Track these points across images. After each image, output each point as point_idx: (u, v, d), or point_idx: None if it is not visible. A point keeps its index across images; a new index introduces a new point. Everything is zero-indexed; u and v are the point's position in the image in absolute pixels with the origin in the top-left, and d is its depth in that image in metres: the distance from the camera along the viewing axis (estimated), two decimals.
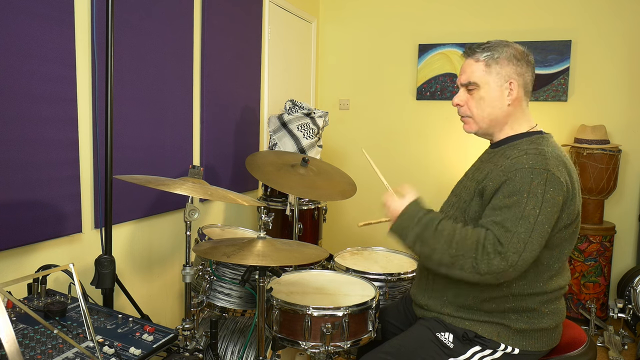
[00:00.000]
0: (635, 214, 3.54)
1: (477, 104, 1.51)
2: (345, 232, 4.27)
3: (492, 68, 1.48)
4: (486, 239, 1.32)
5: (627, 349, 2.95)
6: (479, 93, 1.50)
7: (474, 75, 1.50)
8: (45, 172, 1.76)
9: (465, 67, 1.53)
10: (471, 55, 1.52)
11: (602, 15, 3.51)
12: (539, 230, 1.31)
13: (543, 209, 1.31)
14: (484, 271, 1.30)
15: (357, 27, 4.18)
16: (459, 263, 1.33)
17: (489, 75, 1.48)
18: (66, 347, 1.15)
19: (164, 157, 2.37)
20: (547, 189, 1.32)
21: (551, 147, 1.42)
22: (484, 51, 1.49)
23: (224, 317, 2.04)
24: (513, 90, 1.48)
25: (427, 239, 1.38)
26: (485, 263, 1.30)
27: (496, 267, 1.29)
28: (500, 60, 1.48)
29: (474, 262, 1.31)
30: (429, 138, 4.01)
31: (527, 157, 1.38)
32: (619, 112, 3.51)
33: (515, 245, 1.29)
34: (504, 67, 1.48)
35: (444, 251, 1.35)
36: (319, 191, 2.23)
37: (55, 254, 1.86)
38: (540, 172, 1.34)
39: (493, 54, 1.48)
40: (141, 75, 2.18)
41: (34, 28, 1.68)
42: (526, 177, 1.34)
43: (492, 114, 1.50)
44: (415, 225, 1.42)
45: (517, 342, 1.43)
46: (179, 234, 2.55)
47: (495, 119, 1.51)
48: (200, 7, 2.59)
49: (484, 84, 1.48)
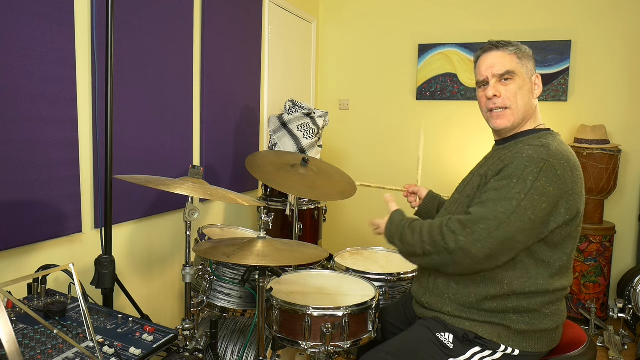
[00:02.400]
0: (635, 214, 3.54)
1: (516, 94, 1.48)
2: (345, 232, 4.27)
3: (522, 61, 1.50)
4: (450, 220, 1.40)
5: (627, 349, 2.95)
6: (516, 83, 1.48)
7: (509, 64, 1.48)
8: (45, 172, 1.76)
9: (494, 59, 1.50)
10: (500, 48, 1.51)
11: (602, 15, 3.51)
12: (519, 214, 1.31)
13: (529, 195, 1.32)
14: (452, 248, 1.35)
15: (357, 27, 4.18)
16: (433, 249, 1.40)
17: (522, 67, 1.49)
18: (66, 347, 1.15)
19: (164, 157, 2.37)
20: (539, 178, 1.33)
21: (557, 143, 1.43)
22: (510, 45, 1.50)
23: (224, 317, 2.04)
24: (538, 85, 1.52)
25: (405, 237, 1.50)
26: (453, 240, 1.35)
27: (463, 242, 1.34)
28: (526, 55, 1.51)
29: (443, 242, 1.37)
30: (429, 138, 4.01)
31: (529, 148, 1.40)
32: (619, 112, 3.51)
33: (486, 222, 1.33)
34: (530, 61, 1.51)
35: (420, 243, 1.44)
36: (319, 191, 2.23)
37: (55, 254, 1.86)
38: (537, 161, 1.35)
39: (519, 48, 1.50)
40: (141, 75, 2.18)
41: (34, 28, 1.68)
42: (521, 164, 1.36)
43: (526, 106, 1.50)
44: (396, 231, 1.55)
45: (517, 343, 1.43)
46: (179, 234, 2.55)
47: (527, 112, 1.51)
48: (200, 7, 2.59)
49: (520, 73, 1.49)
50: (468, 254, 1.34)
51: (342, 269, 2.09)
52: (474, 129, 3.79)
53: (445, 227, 1.39)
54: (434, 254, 1.41)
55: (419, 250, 1.45)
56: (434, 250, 1.41)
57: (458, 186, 1.67)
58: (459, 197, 1.59)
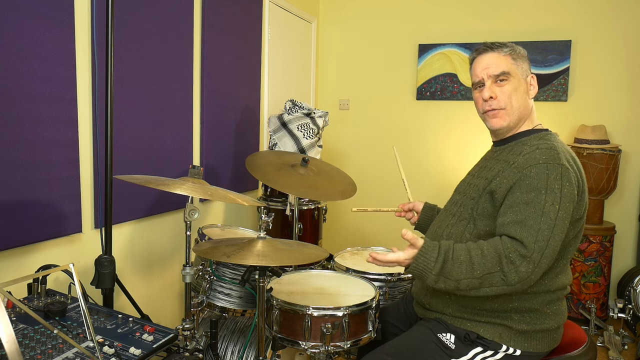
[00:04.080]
0: (635, 214, 3.54)
1: (511, 95, 1.49)
2: (345, 232, 4.27)
3: (517, 61, 1.50)
4: (506, 248, 1.30)
5: (627, 349, 2.95)
6: (511, 84, 1.49)
7: (505, 65, 1.49)
8: (45, 172, 1.76)
9: (489, 60, 1.51)
10: (494, 50, 1.51)
11: (602, 15, 3.50)
12: (560, 226, 1.31)
13: (562, 204, 1.32)
14: (514, 281, 1.29)
15: (357, 27, 4.18)
16: (487, 282, 1.31)
17: (517, 68, 1.50)
18: (66, 347, 1.15)
19: (164, 157, 2.37)
20: (564, 184, 1.33)
21: (560, 144, 1.44)
22: (504, 46, 1.51)
23: (224, 317, 2.04)
24: (533, 86, 1.51)
25: (449, 273, 1.33)
26: (514, 273, 1.29)
27: (524, 272, 1.29)
28: (520, 56, 1.51)
29: (502, 275, 1.30)
30: (429, 138, 4.01)
31: (540, 152, 1.38)
32: (619, 112, 3.51)
33: (539, 244, 1.29)
34: (524, 62, 1.52)
35: (469, 277, 1.31)
36: (319, 191, 2.23)
37: (55, 254, 1.85)
38: (555, 166, 1.34)
39: (514, 49, 1.51)
40: (141, 75, 2.18)
41: (34, 28, 1.68)
42: (542, 172, 1.34)
43: (521, 107, 1.50)
44: (433, 266, 1.34)
45: (518, 344, 1.43)
46: (179, 234, 2.55)
47: (523, 112, 1.51)
48: (200, 7, 2.59)
49: (515, 74, 1.49)
50: (528, 283, 1.31)
51: (342, 269, 2.09)
52: (474, 129, 3.79)
53: (505, 258, 1.30)
54: (486, 287, 1.31)
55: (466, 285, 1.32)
56: (486, 283, 1.31)
57: (457, 187, 1.67)
58: (461, 199, 1.58)
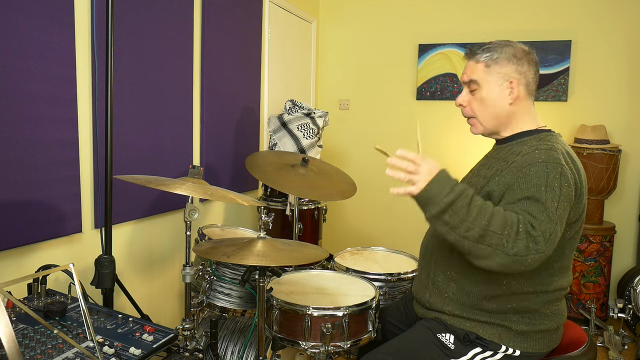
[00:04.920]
0: (635, 214, 3.54)
1: (480, 104, 1.51)
2: (345, 232, 4.27)
3: (491, 68, 1.49)
4: (520, 221, 1.26)
5: (627, 349, 2.95)
6: (480, 93, 1.50)
7: (474, 74, 1.51)
8: (45, 172, 1.76)
9: (466, 68, 1.55)
10: (472, 57, 1.53)
11: (602, 15, 3.50)
12: (559, 225, 1.30)
13: (561, 203, 1.30)
14: (511, 251, 1.23)
15: (357, 27, 4.18)
16: (487, 238, 1.24)
17: (489, 75, 1.49)
18: (66, 347, 1.15)
19: (164, 157, 2.37)
20: (563, 183, 1.32)
21: (561, 145, 1.43)
22: (484, 52, 1.50)
23: (224, 317, 2.04)
24: (514, 89, 1.48)
25: (460, 209, 1.27)
26: (515, 243, 1.23)
27: (524, 249, 1.23)
28: (500, 60, 1.48)
29: (504, 239, 1.24)
30: (429, 138, 4.01)
31: (539, 152, 1.38)
32: (619, 112, 3.51)
33: (545, 231, 1.25)
34: (504, 66, 1.48)
35: (475, 223, 1.25)
36: (319, 191, 2.23)
37: (55, 254, 1.85)
38: (555, 165, 1.34)
39: (493, 54, 1.49)
40: (141, 75, 2.18)
41: (34, 28, 1.68)
42: (541, 170, 1.33)
43: (494, 114, 1.50)
44: (449, 192, 1.28)
45: (518, 344, 1.43)
46: (179, 234, 2.55)
47: (498, 118, 1.51)
48: (200, 7, 2.59)
49: (485, 83, 1.49)
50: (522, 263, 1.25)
51: (342, 269, 2.09)
52: None
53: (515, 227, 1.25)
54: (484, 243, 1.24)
55: (467, 229, 1.25)
56: (486, 239, 1.24)
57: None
58: None
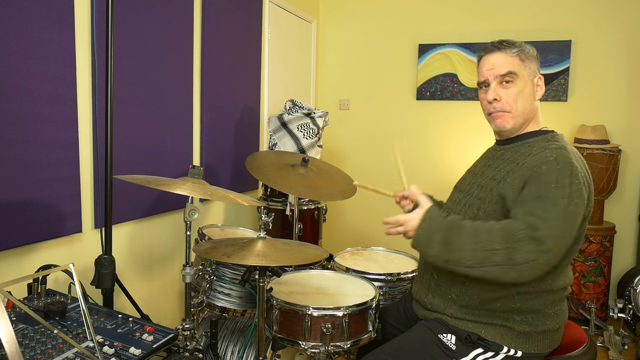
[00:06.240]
0: (635, 214, 3.54)
1: (517, 97, 1.46)
2: (345, 232, 4.27)
3: (525, 62, 1.47)
4: (515, 227, 1.25)
5: (627, 349, 2.95)
6: (517, 86, 1.46)
7: (511, 66, 1.46)
8: (45, 172, 1.76)
9: (495, 60, 1.48)
10: (502, 50, 1.48)
11: (602, 15, 3.50)
12: (571, 221, 1.28)
13: (572, 200, 1.29)
14: (519, 260, 1.21)
15: (357, 27, 4.18)
16: (491, 258, 1.24)
17: (524, 69, 1.47)
18: (66, 347, 1.15)
19: (164, 157, 2.37)
20: (573, 181, 1.31)
21: (569, 145, 1.43)
22: (513, 46, 1.48)
23: (224, 317, 2.04)
24: (540, 87, 1.49)
25: (453, 241, 1.29)
26: (519, 251, 1.21)
27: (531, 254, 1.21)
28: (529, 55, 1.48)
29: (507, 252, 1.22)
30: (429, 138, 4.01)
31: (550, 152, 1.37)
32: (619, 112, 3.51)
33: (552, 230, 1.23)
34: (532, 62, 1.48)
35: (474, 249, 1.26)
36: (319, 191, 2.23)
37: (55, 254, 1.85)
38: (566, 164, 1.33)
39: (522, 49, 1.48)
40: (141, 75, 2.18)
41: (34, 28, 1.68)
42: (552, 168, 1.32)
43: (527, 109, 1.48)
44: (437, 230, 1.32)
45: (520, 345, 1.42)
46: (179, 234, 2.55)
47: (529, 114, 1.49)
48: (200, 7, 2.59)
49: (522, 75, 1.47)
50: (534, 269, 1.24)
51: (342, 269, 2.09)
52: (474, 129, 3.79)
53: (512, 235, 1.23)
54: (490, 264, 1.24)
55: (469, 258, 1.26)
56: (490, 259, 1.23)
57: (457, 185, 1.66)
58: (464, 198, 1.55)
